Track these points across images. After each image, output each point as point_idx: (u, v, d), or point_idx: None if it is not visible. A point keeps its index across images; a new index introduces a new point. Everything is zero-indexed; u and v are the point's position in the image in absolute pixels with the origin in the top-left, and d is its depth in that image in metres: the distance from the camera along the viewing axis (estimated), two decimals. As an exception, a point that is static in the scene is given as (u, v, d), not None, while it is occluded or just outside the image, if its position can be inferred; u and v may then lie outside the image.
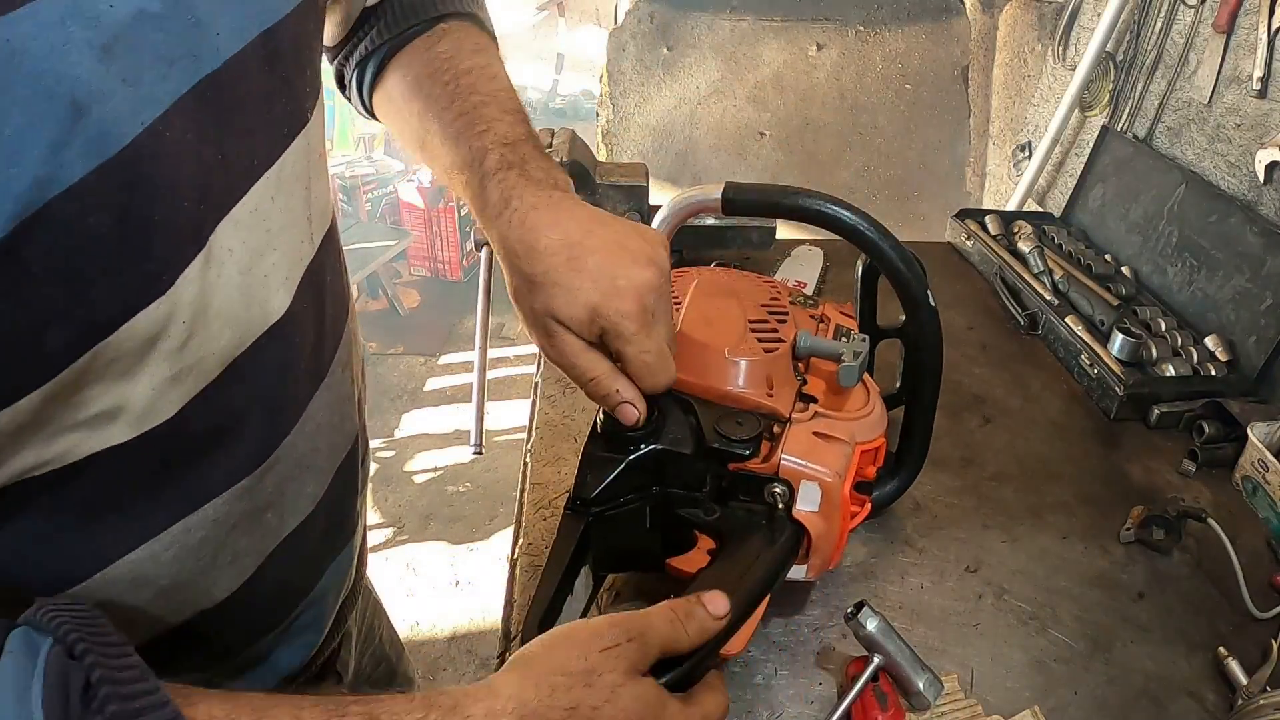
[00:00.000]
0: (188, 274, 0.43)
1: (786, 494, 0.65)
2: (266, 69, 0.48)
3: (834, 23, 2.47)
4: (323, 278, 0.58)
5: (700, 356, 0.70)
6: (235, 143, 0.46)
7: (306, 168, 0.54)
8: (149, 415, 0.45)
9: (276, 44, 0.49)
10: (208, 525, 0.51)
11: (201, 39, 0.43)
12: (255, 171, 0.48)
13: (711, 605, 0.53)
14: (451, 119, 0.65)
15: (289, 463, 0.56)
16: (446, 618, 2.33)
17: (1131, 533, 0.87)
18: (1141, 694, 0.73)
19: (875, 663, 0.66)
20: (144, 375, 0.43)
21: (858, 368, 0.70)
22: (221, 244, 0.45)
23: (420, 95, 0.67)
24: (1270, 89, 1.20)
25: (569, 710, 0.44)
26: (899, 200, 2.60)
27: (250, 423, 0.52)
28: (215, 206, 0.45)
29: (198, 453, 0.49)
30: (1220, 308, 1.20)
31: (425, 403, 3.22)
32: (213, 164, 0.44)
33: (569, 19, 4.97)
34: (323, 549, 0.65)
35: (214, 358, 0.47)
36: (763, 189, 0.76)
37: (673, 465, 0.64)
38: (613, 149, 2.56)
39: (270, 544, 0.57)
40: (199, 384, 0.47)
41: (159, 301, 0.42)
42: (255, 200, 0.48)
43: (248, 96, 0.47)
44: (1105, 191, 1.50)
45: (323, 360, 0.60)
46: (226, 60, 0.44)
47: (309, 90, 0.54)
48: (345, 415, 0.64)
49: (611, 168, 1.27)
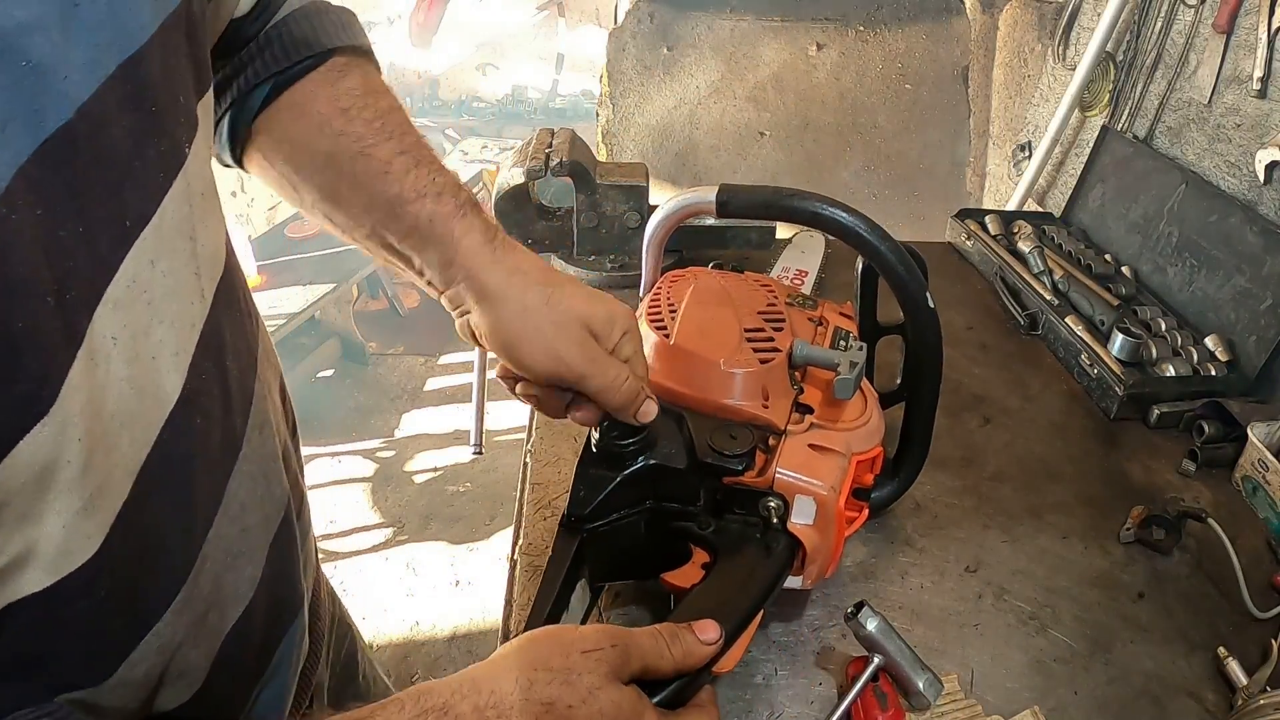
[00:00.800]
0: (71, 380, 0.37)
1: (781, 508, 0.65)
2: (132, 107, 0.40)
3: (834, 23, 2.47)
4: (221, 337, 0.50)
5: (695, 368, 0.69)
6: (100, 207, 0.39)
7: (189, 214, 0.46)
8: (66, 558, 0.39)
9: (142, 74, 0.41)
10: (152, 655, 0.46)
11: (42, 87, 0.35)
12: (128, 235, 0.41)
13: (702, 633, 0.52)
14: (388, 156, 0.60)
15: (220, 556, 0.50)
16: (446, 618, 2.34)
17: (1131, 533, 0.87)
18: (1141, 694, 0.73)
19: (875, 663, 0.66)
20: (49, 513, 0.37)
21: (854, 380, 0.69)
22: (102, 333, 0.39)
23: (328, 135, 0.60)
24: (1270, 89, 1.19)
25: (545, 706, 0.43)
26: (899, 200, 2.60)
27: (171, 531, 0.46)
28: (86, 291, 0.38)
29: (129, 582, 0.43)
30: (1220, 308, 1.20)
31: (425, 403, 3.22)
32: (73, 241, 0.37)
33: (569, 19, 4.96)
34: (271, 630, 0.59)
35: (121, 470, 0.41)
36: (758, 191, 0.75)
37: (666, 480, 0.64)
38: (613, 149, 2.56)
39: (215, 645, 0.51)
40: (114, 507, 0.41)
41: (44, 422, 0.36)
42: (133, 270, 0.41)
43: (111, 147, 0.39)
44: (1105, 191, 1.50)
45: (234, 431, 0.52)
46: (80, 108, 0.37)
47: (184, 121, 0.46)
48: (272, 479, 0.58)
49: (611, 168, 1.27)
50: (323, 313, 3.20)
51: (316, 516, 2.59)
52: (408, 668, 2.19)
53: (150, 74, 0.41)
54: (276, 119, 0.61)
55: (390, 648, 2.25)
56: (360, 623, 2.27)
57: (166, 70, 0.44)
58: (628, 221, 1.26)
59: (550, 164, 1.18)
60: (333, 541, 2.56)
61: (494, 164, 3.91)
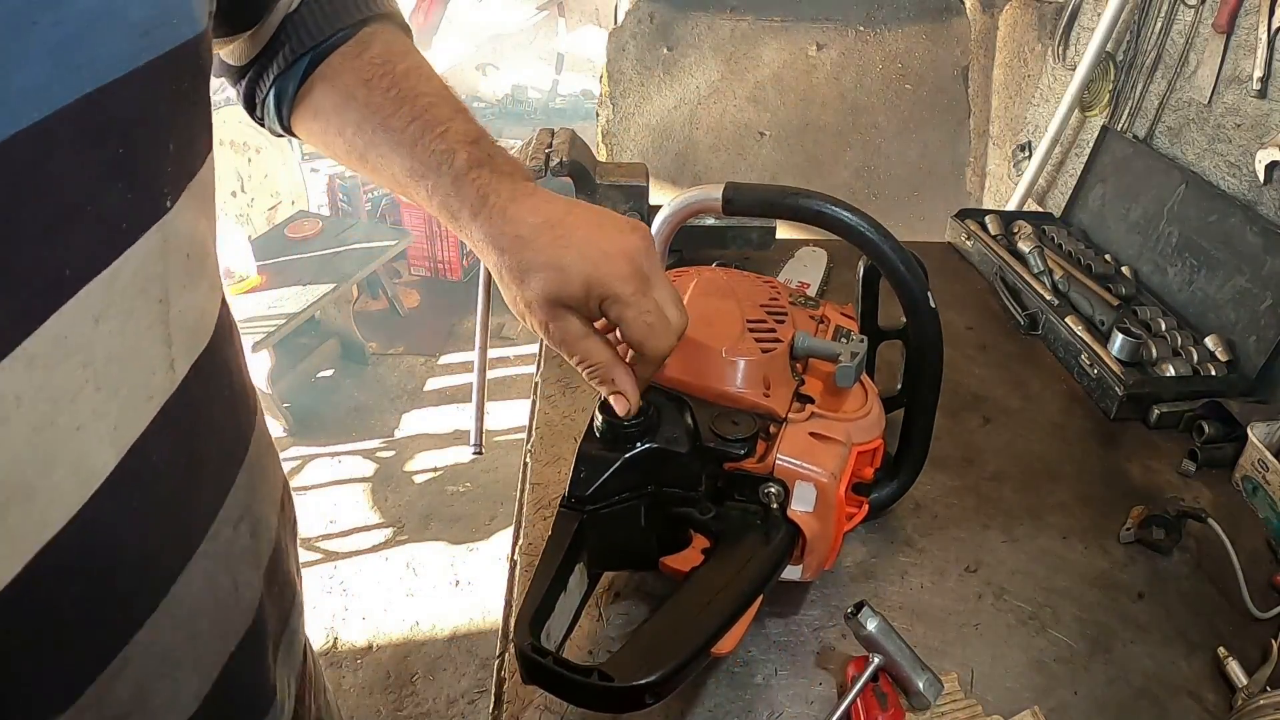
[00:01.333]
0: None
1: (781, 494, 0.65)
2: (91, 143, 0.37)
3: (834, 23, 2.47)
4: (192, 417, 0.46)
5: (697, 356, 0.70)
6: (31, 248, 0.35)
7: (162, 274, 0.42)
8: None
9: (110, 112, 0.37)
10: None
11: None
12: (64, 286, 0.36)
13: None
14: (402, 125, 0.60)
15: (149, 661, 0.44)
16: (446, 618, 2.34)
17: (1131, 533, 0.87)
18: (1141, 694, 0.73)
19: (875, 663, 0.66)
20: None
21: (854, 368, 0.70)
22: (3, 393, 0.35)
23: (356, 105, 0.62)
24: (1270, 89, 1.19)
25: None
26: (899, 200, 2.60)
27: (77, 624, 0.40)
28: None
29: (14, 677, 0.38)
30: (1220, 308, 1.20)
31: (425, 403, 3.22)
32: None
33: (569, 19, 4.96)
34: None
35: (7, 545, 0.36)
36: (763, 189, 0.76)
37: (668, 464, 0.64)
38: (613, 149, 2.56)
39: None
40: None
41: None
42: (65, 326, 0.36)
43: (53, 182, 0.35)
44: (1105, 191, 1.50)
45: (192, 524, 0.47)
46: (14, 135, 0.33)
47: (170, 171, 0.42)
48: (241, 583, 0.52)
49: (611, 168, 1.27)
50: (323, 313, 3.20)
51: (317, 516, 2.58)
52: (408, 668, 2.19)
53: (120, 110, 0.38)
54: (313, 92, 0.63)
55: (390, 648, 2.25)
56: (360, 623, 2.28)
57: (147, 112, 0.40)
58: (628, 221, 1.26)
59: (550, 164, 1.18)
60: (333, 541, 2.56)
61: (494, 164, 3.90)
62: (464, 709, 2.09)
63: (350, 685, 2.14)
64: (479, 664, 2.20)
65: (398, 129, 0.60)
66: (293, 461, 2.87)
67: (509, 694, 0.69)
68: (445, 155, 0.59)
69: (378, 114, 0.61)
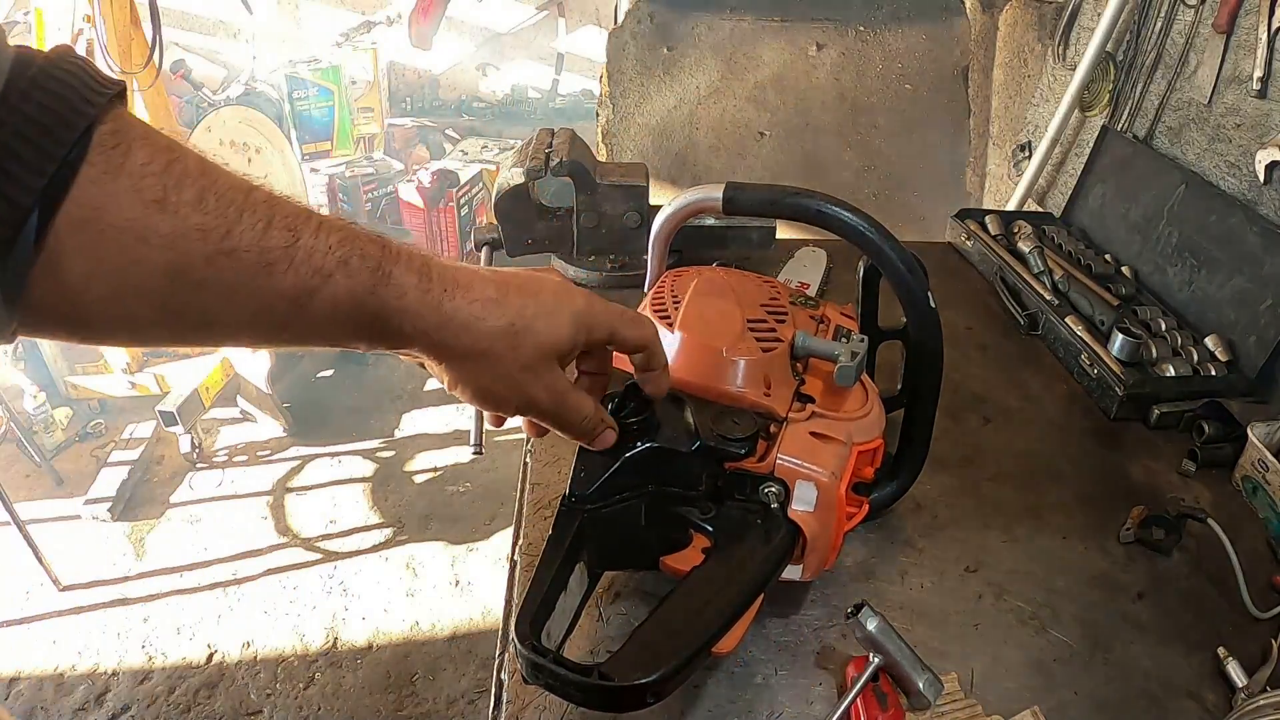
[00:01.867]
0: None
1: (782, 493, 0.65)
2: None
3: (834, 23, 2.47)
4: None
5: (698, 355, 0.70)
6: None
7: None
8: None
9: None
10: None
11: None
12: None
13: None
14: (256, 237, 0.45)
15: None
16: (446, 618, 2.33)
17: (1131, 533, 0.87)
18: (1141, 694, 0.73)
19: (875, 663, 0.66)
20: None
21: (855, 368, 0.70)
22: None
23: (159, 246, 0.43)
24: (1270, 89, 1.19)
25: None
26: (899, 201, 2.60)
27: None
28: None
29: None
30: (1220, 308, 1.20)
31: (425, 403, 3.22)
32: None
33: (569, 19, 4.96)
34: None
35: None
36: (764, 189, 0.76)
37: (669, 463, 0.64)
38: (613, 149, 2.56)
39: None
40: None
41: None
42: None
43: None
44: (1105, 191, 1.50)
45: None
46: None
47: None
48: None
49: (611, 168, 1.27)
50: (323, 313, 3.19)
51: (317, 516, 2.59)
52: (408, 668, 2.19)
53: None
54: (65, 256, 0.41)
55: (390, 648, 2.25)
56: (360, 623, 2.28)
57: None
58: (628, 221, 1.26)
59: (550, 164, 1.18)
60: (333, 541, 2.56)
61: (494, 164, 3.91)
62: (464, 709, 2.09)
63: (350, 685, 2.14)
64: (479, 664, 2.20)
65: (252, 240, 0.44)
66: (293, 461, 2.86)
67: (509, 694, 0.69)
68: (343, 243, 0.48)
69: (206, 240, 0.43)
